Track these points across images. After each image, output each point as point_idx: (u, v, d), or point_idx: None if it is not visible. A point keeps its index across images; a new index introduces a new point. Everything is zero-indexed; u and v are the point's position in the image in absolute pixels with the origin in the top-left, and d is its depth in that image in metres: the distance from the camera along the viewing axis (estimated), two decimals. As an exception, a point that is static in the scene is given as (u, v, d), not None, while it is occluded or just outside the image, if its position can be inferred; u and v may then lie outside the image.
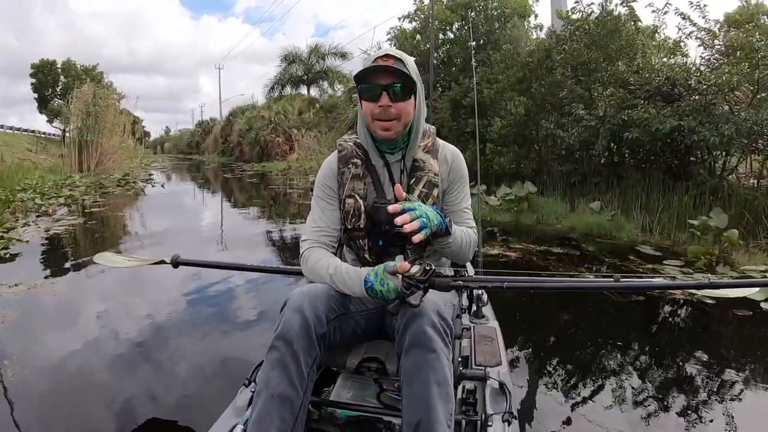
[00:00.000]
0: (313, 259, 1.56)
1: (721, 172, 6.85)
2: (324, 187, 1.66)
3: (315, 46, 27.85)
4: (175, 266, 2.08)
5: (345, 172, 1.60)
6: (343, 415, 1.58)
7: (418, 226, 1.33)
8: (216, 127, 45.31)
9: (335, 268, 1.48)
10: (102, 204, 9.65)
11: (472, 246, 1.63)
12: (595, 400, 2.37)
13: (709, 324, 3.49)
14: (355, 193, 1.58)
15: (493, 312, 2.40)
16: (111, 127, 16.44)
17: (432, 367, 1.28)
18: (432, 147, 1.62)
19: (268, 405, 1.26)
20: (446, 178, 1.64)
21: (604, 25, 8.18)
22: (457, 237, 1.54)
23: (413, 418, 1.25)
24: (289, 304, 1.37)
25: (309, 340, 1.33)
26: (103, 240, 6.48)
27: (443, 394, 1.27)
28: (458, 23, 12.38)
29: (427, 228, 1.36)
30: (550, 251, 5.39)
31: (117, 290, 4.22)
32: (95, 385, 2.50)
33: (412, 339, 1.31)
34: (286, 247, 6.33)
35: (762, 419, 2.28)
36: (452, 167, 1.65)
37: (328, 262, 1.51)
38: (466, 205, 1.68)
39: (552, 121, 8.46)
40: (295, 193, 12.78)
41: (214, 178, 20.97)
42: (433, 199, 1.57)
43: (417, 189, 1.57)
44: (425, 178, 1.58)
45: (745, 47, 6.33)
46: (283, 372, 1.28)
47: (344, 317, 1.49)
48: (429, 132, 1.65)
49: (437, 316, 1.34)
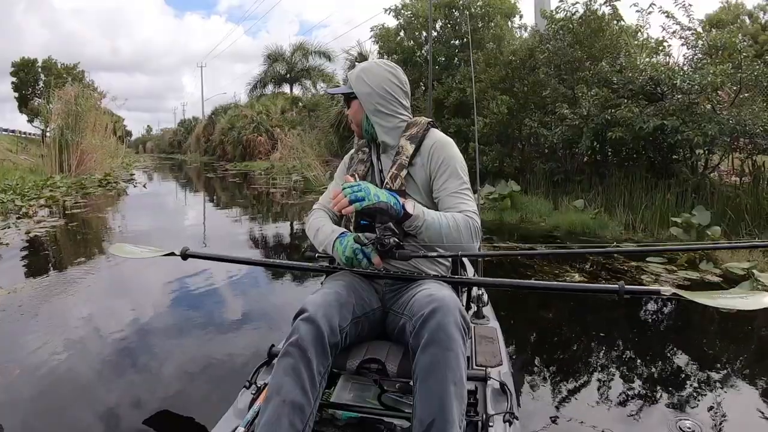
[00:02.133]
0: (311, 218, 1.86)
1: (703, 170, 6.90)
2: (340, 170, 1.96)
3: (299, 44, 27.66)
4: (184, 258, 2.08)
5: (354, 158, 1.89)
6: (344, 417, 1.57)
7: (346, 203, 1.44)
8: (198, 126, 44.83)
9: (319, 227, 1.76)
10: (83, 205, 9.42)
11: (463, 230, 1.58)
12: (597, 400, 2.36)
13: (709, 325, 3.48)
14: (355, 173, 1.80)
15: (494, 312, 2.38)
16: (92, 127, 16.16)
17: (450, 367, 1.27)
18: (416, 135, 1.75)
19: (278, 410, 1.24)
20: (426, 164, 1.71)
21: (588, 24, 8.20)
22: (430, 221, 1.55)
23: (426, 417, 1.23)
24: (304, 313, 1.39)
25: (322, 349, 1.35)
26: (85, 242, 6.32)
27: (458, 395, 1.27)
28: (442, 21, 12.36)
29: (362, 201, 1.44)
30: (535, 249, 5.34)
31: (100, 292, 4.12)
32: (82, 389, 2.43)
33: (431, 336, 1.30)
34: (269, 246, 6.25)
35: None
36: (432, 154, 1.71)
37: (318, 223, 1.78)
38: (454, 189, 1.68)
39: (535, 120, 8.46)
40: (278, 193, 12.63)
41: (197, 177, 20.74)
42: (400, 179, 1.69)
43: (391, 171, 1.72)
44: (398, 161, 1.72)
45: (728, 47, 6.37)
46: (296, 379, 1.29)
47: (353, 322, 1.50)
48: (417, 122, 1.79)
49: (459, 313, 1.34)
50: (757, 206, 5.74)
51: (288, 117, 25.61)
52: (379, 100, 1.75)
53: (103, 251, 5.60)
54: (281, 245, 6.45)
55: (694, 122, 6.14)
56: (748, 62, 6.04)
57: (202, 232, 7.37)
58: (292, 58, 27.48)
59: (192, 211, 10.14)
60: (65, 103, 15.40)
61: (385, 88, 1.74)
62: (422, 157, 1.72)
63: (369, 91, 1.75)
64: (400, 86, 1.77)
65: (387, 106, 1.76)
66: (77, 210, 8.72)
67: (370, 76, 1.76)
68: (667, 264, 4.66)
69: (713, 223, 5.42)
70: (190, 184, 17.70)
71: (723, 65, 6.17)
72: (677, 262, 4.72)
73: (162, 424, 2.15)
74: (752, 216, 5.63)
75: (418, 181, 1.70)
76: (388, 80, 1.76)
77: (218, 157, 33.00)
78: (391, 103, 1.76)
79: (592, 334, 3.35)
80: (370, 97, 1.75)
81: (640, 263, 4.71)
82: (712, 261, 4.65)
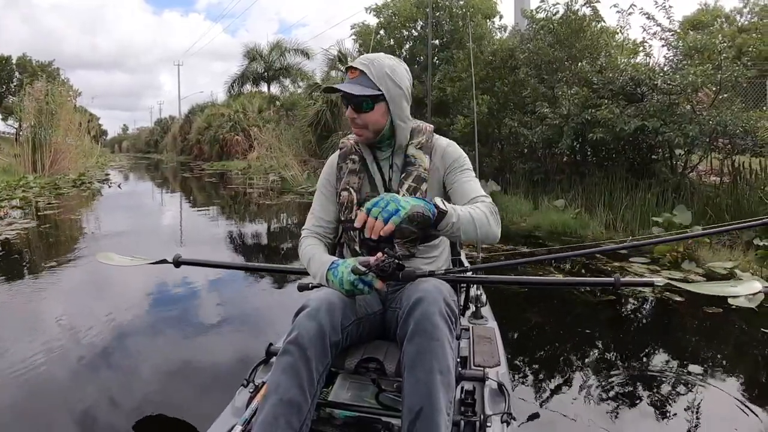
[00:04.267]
0: (302, 246, 1.69)
1: (683, 169, 6.92)
2: (324, 182, 1.75)
3: (276, 42, 27.31)
4: (177, 266, 2.05)
5: (343, 168, 1.69)
6: (341, 416, 1.56)
7: (381, 224, 1.26)
8: (175, 125, 44.22)
9: (311, 257, 1.61)
10: (56, 206, 9.14)
11: (491, 217, 1.49)
12: (595, 400, 2.34)
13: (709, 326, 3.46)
14: (349, 186, 1.65)
15: (492, 313, 2.37)
16: (66, 126, 15.81)
17: (436, 356, 1.27)
18: (426, 144, 1.65)
19: (276, 409, 1.23)
20: (441, 166, 1.65)
21: (569, 24, 8.20)
22: (462, 214, 1.41)
23: (415, 405, 1.24)
24: (305, 310, 1.38)
25: (323, 347, 1.33)
26: (57, 245, 6.05)
27: (445, 383, 1.27)
28: (422, 21, 12.30)
29: (398, 213, 1.27)
30: (517, 250, 5.29)
31: (74, 296, 4.01)
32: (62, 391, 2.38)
33: (416, 325, 1.30)
34: (247, 248, 6.11)
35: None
36: (446, 154, 1.65)
37: (310, 252, 1.63)
38: (465, 180, 1.63)
39: (515, 120, 8.44)
40: (255, 193, 12.46)
41: (173, 177, 20.42)
42: (420, 193, 1.58)
43: (406, 183, 1.60)
44: (415, 173, 1.61)
45: (708, 48, 6.41)
46: (294, 377, 1.27)
47: (355, 323, 1.49)
48: (424, 129, 1.69)
49: (443, 303, 1.33)
50: (737, 206, 5.77)
51: (265, 116, 25.35)
52: (405, 103, 1.61)
53: (77, 255, 5.42)
54: (261, 247, 6.31)
55: (674, 123, 6.16)
56: (728, 63, 6.07)
57: (178, 235, 7.14)
58: (270, 57, 27.14)
59: (167, 213, 9.89)
60: (36, 101, 15.04)
61: (410, 89, 1.62)
62: (435, 163, 1.64)
63: (400, 93, 1.58)
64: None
65: (408, 109, 1.63)
66: (50, 211, 8.44)
67: (399, 76, 1.58)
68: (650, 264, 4.65)
69: (694, 223, 5.42)
70: (166, 184, 17.40)
71: (703, 66, 6.20)
72: (660, 261, 4.71)
73: (162, 423, 2.14)
74: (732, 215, 5.64)
75: (435, 189, 1.64)
76: (409, 81, 1.62)
77: (195, 157, 32.57)
78: (409, 106, 1.64)
79: (590, 335, 3.31)
80: (401, 100, 1.59)
81: (623, 263, 4.69)
82: (694, 260, 4.64)
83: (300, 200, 10.67)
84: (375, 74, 1.54)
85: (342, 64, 15.97)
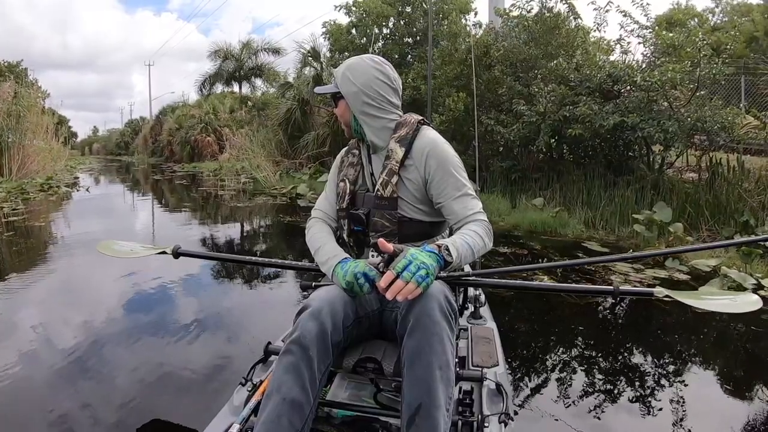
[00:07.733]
0: (311, 232, 1.73)
1: (660, 166, 6.90)
2: (334, 171, 1.84)
3: (247, 42, 26.89)
4: (175, 257, 2.03)
5: (345, 160, 1.78)
6: (340, 415, 1.56)
7: (413, 288, 1.26)
8: (145, 126, 43.33)
9: (321, 245, 1.63)
10: (22, 212, 8.73)
11: (486, 238, 1.56)
12: (593, 401, 2.33)
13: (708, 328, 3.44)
14: (346, 177, 1.72)
15: (491, 313, 2.39)
16: (34, 128, 15.31)
17: (435, 351, 1.28)
18: (406, 137, 1.64)
19: (278, 409, 1.24)
20: (420, 168, 1.61)
21: (544, 22, 8.13)
22: (463, 252, 1.44)
23: (414, 401, 1.25)
24: (307, 310, 1.38)
25: (324, 347, 1.34)
26: (19, 254, 5.70)
27: (445, 379, 1.28)
28: (395, 19, 12.17)
29: (429, 277, 1.29)
30: (497, 251, 5.18)
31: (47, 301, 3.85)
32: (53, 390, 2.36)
33: (416, 321, 1.31)
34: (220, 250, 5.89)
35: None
36: (426, 158, 1.61)
37: (319, 240, 1.66)
38: (456, 194, 1.60)
39: (492, 118, 8.34)
40: (227, 195, 12.16)
41: (144, 180, 19.96)
42: (392, 186, 1.60)
43: (381, 177, 1.62)
44: (389, 167, 1.62)
45: (686, 45, 6.40)
46: (296, 377, 1.28)
47: (356, 321, 1.51)
48: (406, 123, 1.68)
49: (444, 298, 1.34)
50: (715, 201, 5.75)
51: (237, 116, 24.96)
52: (367, 99, 1.64)
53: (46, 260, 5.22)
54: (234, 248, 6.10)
55: (653, 119, 6.12)
56: (706, 60, 6.06)
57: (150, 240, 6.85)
58: (241, 56, 26.72)
59: (137, 217, 9.56)
60: (3, 102, 14.51)
61: (372, 86, 1.63)
62: (414, 159, 1.62)
63: (355, 90, 1.64)
64: (389, 83, 1.66)
65: (375, 105, 1.65)
66: (15, 217, 8.02)
67: (356, 73, 1.64)
68: (634, 263, 4.56)
69: (674, 220, 5.38)
70: (136, 186, 16.96)
71: (682, 63, 6.17)
72: (643, 260, 4.63)
73: (161, 423, 2.11)
74: (711, 211, 5.63)
75: (411, 185, 1.62)
76: (374, 78, 1.64)
77: (166, 159, 31.92)
78: (378, 102, 1.65)
79: (588, 336, 3.27)
80: (356, 97, 1.64)
81: (607, 263, 4.59)
82: (678, 259, 4.58)
83: (273, 202, 10.43)
84: (336, 74, 1.70)
85: (315, 60, 15.77)
